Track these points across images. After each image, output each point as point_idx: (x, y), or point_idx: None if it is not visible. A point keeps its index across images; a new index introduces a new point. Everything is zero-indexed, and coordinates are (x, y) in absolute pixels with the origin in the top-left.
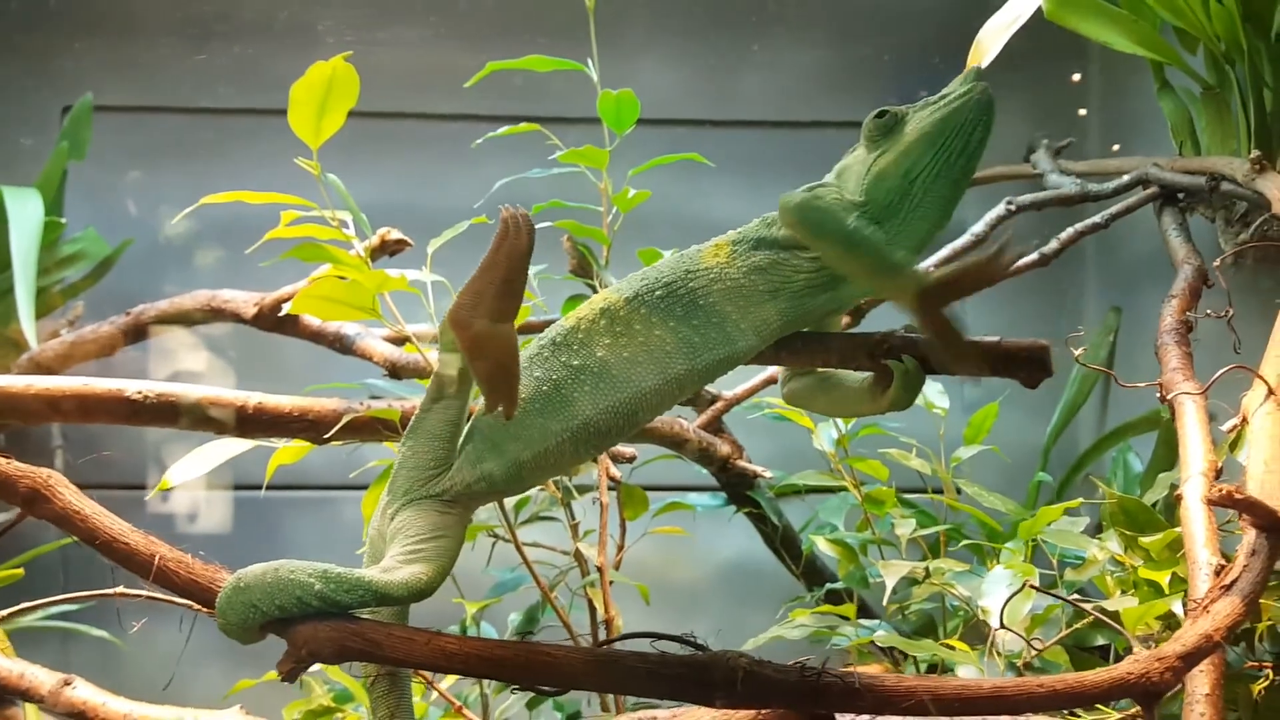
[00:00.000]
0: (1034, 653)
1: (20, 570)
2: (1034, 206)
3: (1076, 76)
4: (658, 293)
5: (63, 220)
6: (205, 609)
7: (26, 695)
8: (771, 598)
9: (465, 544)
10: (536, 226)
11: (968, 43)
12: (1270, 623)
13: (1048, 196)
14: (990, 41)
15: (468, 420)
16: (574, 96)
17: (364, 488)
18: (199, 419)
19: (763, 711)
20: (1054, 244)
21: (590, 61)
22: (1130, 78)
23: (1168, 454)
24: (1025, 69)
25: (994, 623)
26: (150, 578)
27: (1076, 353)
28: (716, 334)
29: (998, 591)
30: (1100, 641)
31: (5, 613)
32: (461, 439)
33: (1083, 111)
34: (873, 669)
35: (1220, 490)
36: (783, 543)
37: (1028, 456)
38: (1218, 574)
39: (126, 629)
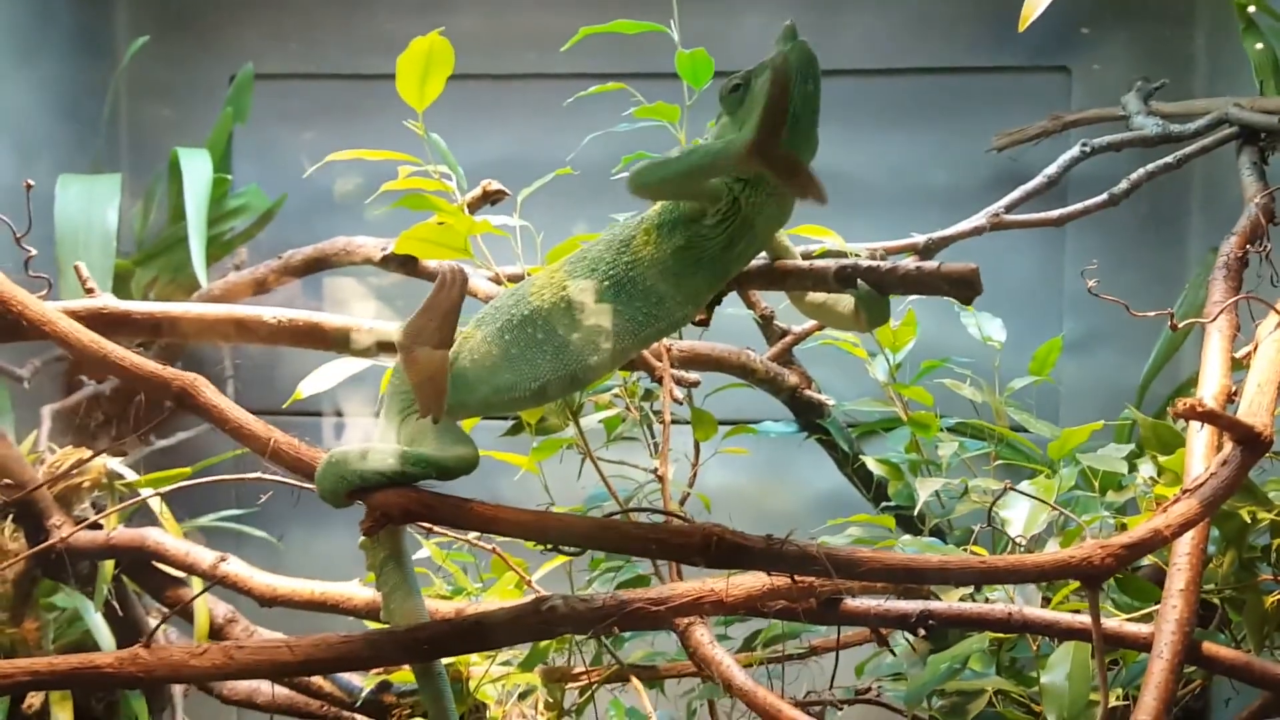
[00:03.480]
0: None
1: (188, 470)
2: (1111, 148)
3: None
4: (606, 284)
5: (229, 177)
6: (307, 482)
7: (191, 569)
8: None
9: (554, 457)
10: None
11: None
12: None
13: (1125, 138)
14: (1038, 2)
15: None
16: (665, 52)
17: None
18: (320, 340)
19: (770, 586)
20: (1124, 184)
21: (672, 22)
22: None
23: None
24: (1139, 13)
25: (1013, 532)
26: (266, 456)
27: (1090, 283)
28: (658, 309)
29: (1018, 505)
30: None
31: (166, 489)
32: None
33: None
34: None
35: (1184, 404)
36: (853, 468)
37: (1128, 393)
38: None
39: (285, 538)
